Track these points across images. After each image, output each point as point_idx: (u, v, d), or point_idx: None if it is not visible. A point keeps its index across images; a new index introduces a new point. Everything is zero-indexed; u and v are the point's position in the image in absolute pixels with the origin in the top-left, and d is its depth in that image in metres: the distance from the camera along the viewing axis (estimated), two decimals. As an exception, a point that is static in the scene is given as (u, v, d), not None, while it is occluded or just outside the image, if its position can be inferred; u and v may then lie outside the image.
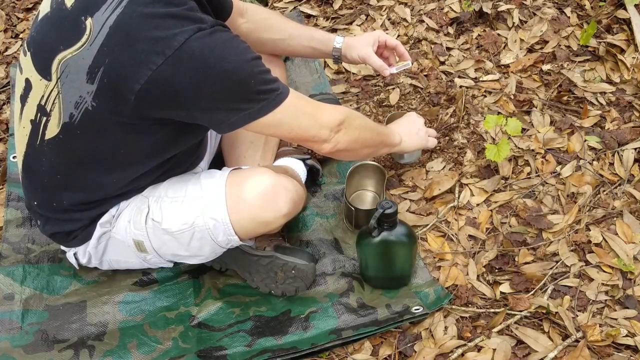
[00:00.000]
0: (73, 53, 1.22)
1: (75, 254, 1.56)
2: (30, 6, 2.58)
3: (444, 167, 1.87)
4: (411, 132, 1.71)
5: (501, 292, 1.56)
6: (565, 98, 2.00)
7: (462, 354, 1.44)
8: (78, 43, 1.21)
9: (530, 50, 2.16)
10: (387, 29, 2.31)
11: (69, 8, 1.24)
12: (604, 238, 1.63)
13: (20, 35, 2.48)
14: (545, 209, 1.72)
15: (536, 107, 1.98)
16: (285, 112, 1.30)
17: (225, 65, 1.21)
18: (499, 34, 2.21)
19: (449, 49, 2.21)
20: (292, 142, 1.69)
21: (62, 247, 1.59)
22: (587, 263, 1.59)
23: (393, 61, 1.79)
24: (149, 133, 1.31)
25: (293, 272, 1.56)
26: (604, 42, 2.11)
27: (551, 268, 1.59)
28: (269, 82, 1.28)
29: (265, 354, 1.45)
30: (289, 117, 1.32)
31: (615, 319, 1.47)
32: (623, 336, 1.43)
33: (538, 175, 1.81)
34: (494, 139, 1.90)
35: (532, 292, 1.54)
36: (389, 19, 2.35)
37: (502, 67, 2.13)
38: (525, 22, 2.23)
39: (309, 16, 2.43)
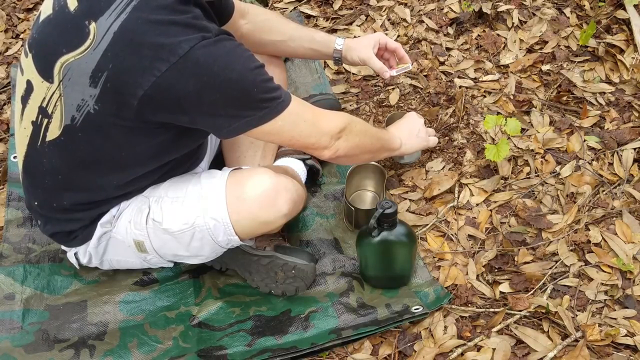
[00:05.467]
0: (76, 57, 1.23)
1: (75, 254, 1.56)
2: (31, 7, 2.58)
3: (444, 167, 1.87)
4: (411, 134, 1.72)
5: (501, 292, 1.57)
6: (564, 98, 2.00)
7: (462, 354, 1.44)
8: (81, 47, 1.22)
9: (530, 50, 2.16)
10: (386, 30, 2.32)
11: (72, 11, 1.24)
12: (603, 238, 1.64)
13: (21, 36, 2.48)
14: (545, 208, 1.73)
15: (535, 107, 1.99)
16: (286, 119, 1.31)
17: (229, 73, 1.22)
18: (498, 34, 2.21)
19: (448, 49, 2.21)
20: (293, 148, 1.70)
21: (63, 247, 1.59)
22: (587, 263, 1.59)
23: (393, 63, 1.80)
24: (151, 136, 1.32)
25: (293, 271, 1.56)
26: (604, 42, 2.11)
27: (551, 268, 1.59)
28: (272, 90, 1.29)
29: (265, 354, 1.46)
30: (290, 124, 1.33)
31: (615, 319, 1.48)
32: (622, 336, 1.43)
33: (537, 175, 1.81)
34: (493, 139, 1.90)
35: (531, 292, 1.55)
36: (388, 20, 2.35)
37: (502, 67, 2.13)
38: (525, 22, 2.24)
39: (309, 16, 2.43)
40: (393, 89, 2.12)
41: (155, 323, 1.56)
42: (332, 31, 2.34)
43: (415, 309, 1.51)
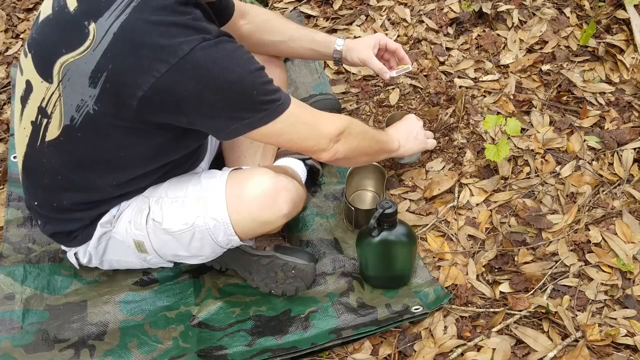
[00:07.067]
0: (75, 57, 1.22)
1: (75, 254, 1.56)
2: (30, 6, 2.58)
3: (444, 167, 1.87)
4: (410, 136, 1.72)
5: (501, 292, 1.57)
6: (564, 98, 2.00)
7: (462, 354, 1.44)
8: (81, 47, 1.22)
9: (530, 50, 2.16)
10: (386, 30, 2.32)
11: (72, 12, 1.24)
12: (603, 238, 1.64)
13: (21, 36, 2.48)
14: (545, 208, 1.73)
15: (535, 107, 1.99)
16: (285, 122, 1.31)
17: (228, 75, 1.22)
18: (498, 34, 2.21)
19: (448, 49, 2.21)
20: (291, 150, 1.70)
21: (63, 247, 1.59)
22: (587, 263, 1.59)
23: (394, 64, 1.80)
24: (150, 137, 1.32)
25: (293, 272, 1.56)
26: (604, 42, 2.11)
27: (551, 268, 1.59)
28: (271, 93, 1.29)
29: (265, 354, 1.46)
30: (289, 126, 1.33)
31: (615, 319, 1.48)
32: (622, 336, 1.43)
33: (537, 175, 1.81)
34: (493, 139, 1.90)
35: (531, 292, 1.55)
36: (388, 20, 2.35)
37: (502, 67, 2.13)
38: (525, 22, 2.24)
39: (309, 16, 2.43)
40: (393, 89, 2.12)
41: (155, 323, 1.56)
42: (332, 31, 2.34)
43: (415, 309, 1.51)
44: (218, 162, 1.73)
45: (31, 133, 1.35)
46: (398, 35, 2.28)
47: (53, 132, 1.31)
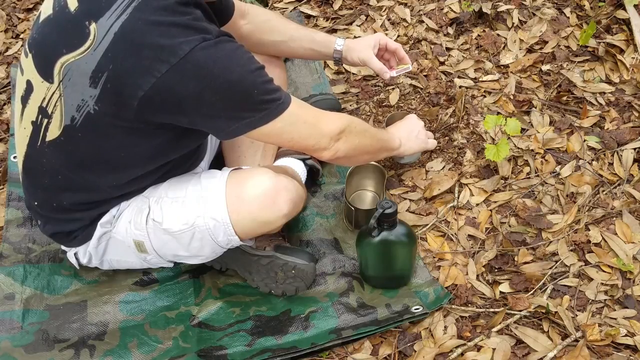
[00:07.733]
0: (76, 57, 1.23)
1: (75, 254, 1.56)
2: (30, 6, 2.58)
3: (444, 167, 1.87)
4: (410, 135, 1.72)
5: (501, 292, 1.57)
6: (564, 98, 2.00)
7: (462, 354, 1.44)
8: (81, 47, 1.22)
9: (530, 50, 2.16)
10: (386, 30, 2.32)
11: (72, 12, 1.24)
12: (603, 238, 1.64)
13: (21, 36, 2.48)
14: (545, 208, 1.73)
15: (535, 107, 1.99)
16: (286, 121, 1.31)
17: (229, 75, 1.22)
18: (498, 34, 2.21)
19: (448, 49, 2.21)
20: (292, 149, 1.70)
21: (63, 247, 1.59)
22: (587, 263, 1.59)
23: (394, 64, 1.80)
24: (150, 137, 1.32)
25: (293, 271, 1.56)
26: (604, 42, 2.11)
27: (551, 268, 1.59)
28: (272, 92, 1.29)
29: (265, 354, 1.46)
30: (289, 126, 1.33)
31: (615, 319, 1.48)
32: (622, 336, 1.43)
33: (537, 175, 1.81)
34: (493, 139, 1.90)
35: (531, 292, 1.55)
36: (388, 20, 2.35)
37: (502, 67, 2.13)
38: (525, 22, 2.24)
39: (309, 16, 2.43)
40: (393, 89, 2.12)
41: (155, 323, 1.56)
42: (332, 31, 2.34)
43: (415, 309, 1.51)
44: (218, 162, 1.73)
45: (31, 133, 1.35)
46: (398, 35, 2.28)
47: (53, 132, 1.31)
